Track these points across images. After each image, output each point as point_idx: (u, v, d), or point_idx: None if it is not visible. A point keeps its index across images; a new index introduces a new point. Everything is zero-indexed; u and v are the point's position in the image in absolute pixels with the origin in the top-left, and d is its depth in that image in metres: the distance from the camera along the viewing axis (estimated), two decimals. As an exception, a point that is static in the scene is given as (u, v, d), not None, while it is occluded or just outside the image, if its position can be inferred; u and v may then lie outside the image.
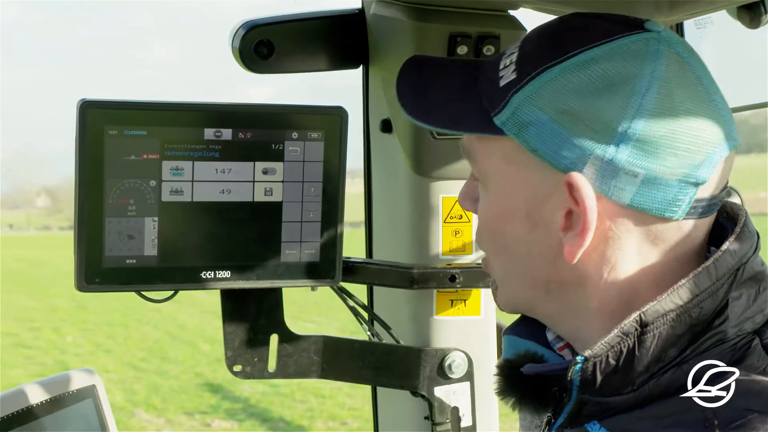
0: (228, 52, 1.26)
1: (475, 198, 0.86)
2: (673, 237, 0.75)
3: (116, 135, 1.04)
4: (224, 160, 1.09)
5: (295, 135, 1.11)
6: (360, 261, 1.32)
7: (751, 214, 0.82)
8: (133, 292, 1.11)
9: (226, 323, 1.20)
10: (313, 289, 1.19)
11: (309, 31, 1.31)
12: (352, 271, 1.28)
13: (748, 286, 0.75)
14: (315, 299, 10.02)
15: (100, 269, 1.07)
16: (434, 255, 1.35)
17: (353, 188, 1.32)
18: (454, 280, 1.30)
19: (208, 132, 1.08)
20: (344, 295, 1.28)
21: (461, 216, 1.35)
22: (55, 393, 1.17)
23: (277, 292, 1.21)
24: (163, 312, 10.69)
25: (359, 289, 1.35)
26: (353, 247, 1.35)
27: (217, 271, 1.12)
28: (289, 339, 1.23)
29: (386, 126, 1.34)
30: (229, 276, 1.12)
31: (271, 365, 1.22)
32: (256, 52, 1.25)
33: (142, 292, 1.12)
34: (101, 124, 1.03)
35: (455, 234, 1.36)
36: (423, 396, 1.31)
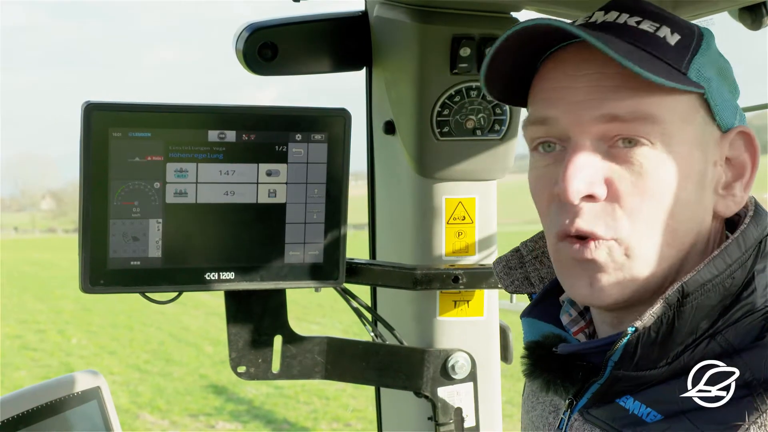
0: (233, 55, 1.27)
1: (602, 180, 0.76)
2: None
3: (121, 137, 1.05)
4: (228, 161, 1.09)
5: (298, 137, 1.11)
6: (363, 262, 1.32)
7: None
8: (138, 294, 1.12)
9: (230, 324, 1.20)
10: (316, 290, 1.19)
11: (312, 34, 1.31)
12: (356, 272, 1.29)
13: None
14: (319, 300, 10.02)
15: (104, 271, 1.07)
16: (437, 256, 1.35)
17: (356, 191, 1.32)
18: (457, 281, 1.31)
19: (212, 134, 1.08)
20: (348, 296, 1.29)
21: (464, 217, 1.35)
22: (60, 395, 1.18)
23: (281, 293, 1.21)
24: (168, 314, 10.70)
25: (363, 291, 1.36)
26: (357, 248, 1.36)
27: (221, 273, 1.12)
28: (293, 340, 1.23)
29: (389, 128, 1.34)
30: (233, 277, 1.13)
31: (275, 366, 1.23)
32: (260, 55, 1.26)
33: (147, 294, 1.13)
34: (106, 126, 1.04)
35: (458, 235, 1.36)
36: (426, 397, 1.31)
